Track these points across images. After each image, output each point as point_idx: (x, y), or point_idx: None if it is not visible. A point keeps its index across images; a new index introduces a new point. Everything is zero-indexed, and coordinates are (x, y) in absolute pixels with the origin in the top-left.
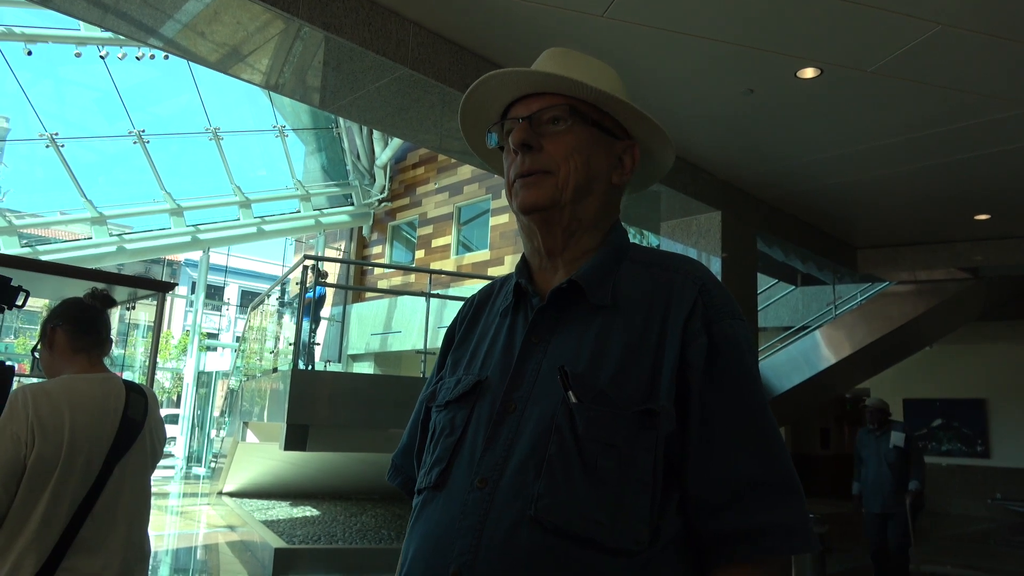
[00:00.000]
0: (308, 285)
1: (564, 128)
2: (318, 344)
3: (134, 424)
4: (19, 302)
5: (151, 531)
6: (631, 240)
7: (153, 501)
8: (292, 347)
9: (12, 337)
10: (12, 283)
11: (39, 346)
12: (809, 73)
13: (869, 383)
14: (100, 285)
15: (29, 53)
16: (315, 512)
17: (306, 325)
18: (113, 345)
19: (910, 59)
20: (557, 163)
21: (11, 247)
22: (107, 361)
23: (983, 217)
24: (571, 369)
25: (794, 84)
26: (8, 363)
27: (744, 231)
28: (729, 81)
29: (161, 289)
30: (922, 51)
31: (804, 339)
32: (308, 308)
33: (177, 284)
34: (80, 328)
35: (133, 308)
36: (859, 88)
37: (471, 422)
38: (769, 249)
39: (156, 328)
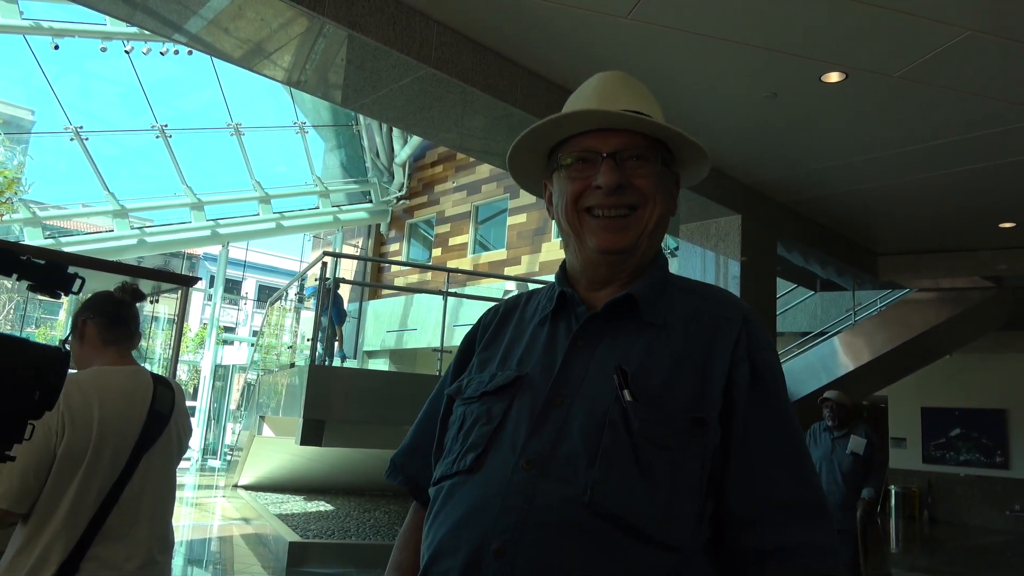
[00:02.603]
0: (326, 286)
1: (647, 168)
2: (337, 340)
3: (161, 417)
4: (75, 288)
5: None
6: None
7: None
8: (309, 343)
9: (33, 327)
10: (68, 270)
11: (70, 338)
12: (834, 77)
13: (887, 391)
14: (129, 279)
15: (56, 47)
16: (329, 507)
17: (325, 321)
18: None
19: (937, 64)
20: (644, 198)
21: (35, 238)
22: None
23: (1008, 225)
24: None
25: (818, 88)
26: (64, 349)
27: (764, 235)
28: (753, 84)
29: (185, 283)
30: (949, 56)
31: (822, 345)
32: (328, 305)
33: (199, 278)
34: (111, 321)
35: (156, 302)
36: (884, 93)
37: (511, 413)
38: (789, 254)
39: (179, 322)
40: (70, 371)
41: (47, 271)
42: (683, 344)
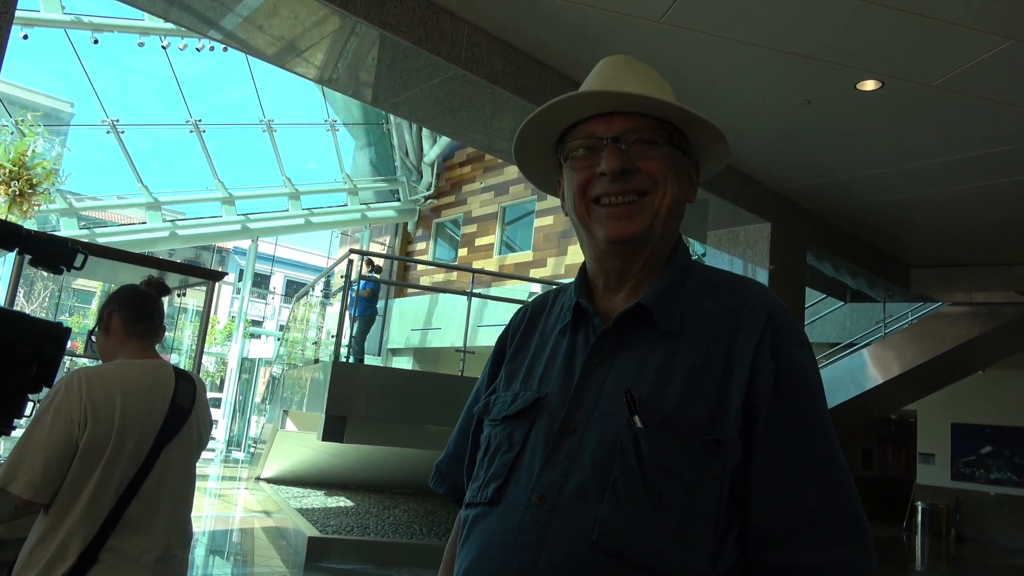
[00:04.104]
0: (360, 276)
1: (655, 151)
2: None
3: (182, 410)
4: (77, 264)
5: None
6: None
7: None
8: (334, 339)
9: (67, 315)
10: (69, 244)
11: (95, 330)
12: (869, 85)
13: (916, 405)
14: (155, 273)
15: (95, 42)
16: (349, 503)
17: (357, 318)
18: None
19: (977, 74)
20: (654, 182)
21: (70, 228)
22: (157, 346)
23: None
24: (636, 393)
25: (853, 96)
26: (65, 325)
27: (793, 244)
28: (786, 91)
29: (212, 278)
30: (990, 66)
31: (851, 357)
32: (355, 302)
33: (227, 273)
34: (135, 314)
35: (184, 295)
36: (921, 102)
37: (530, 439)
38: (819, 263)
39: (205, 315)
40: (90, 361)
41: (48, 246)
42: (703, 350)
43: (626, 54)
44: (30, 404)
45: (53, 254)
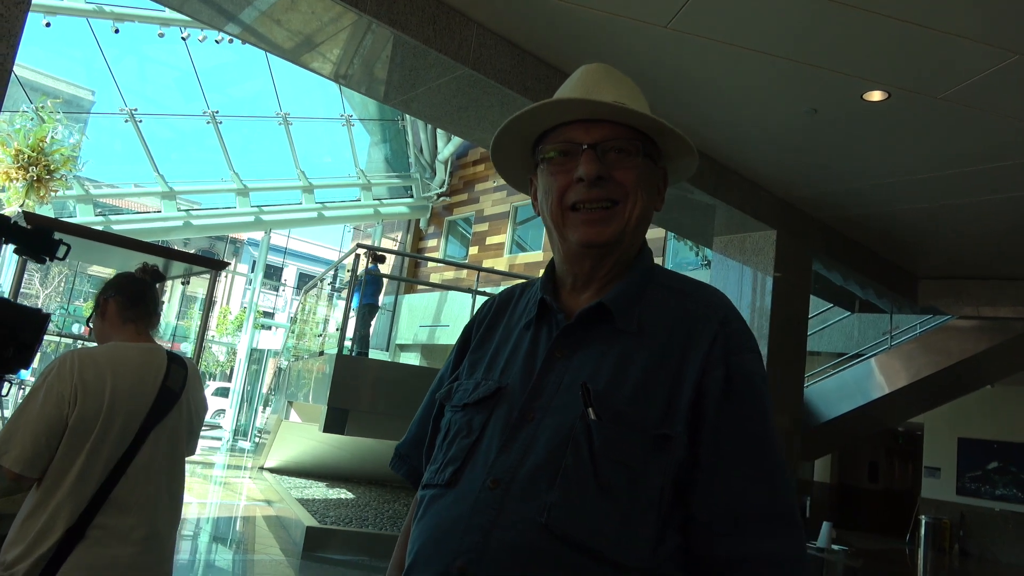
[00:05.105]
0: (365, 269)
1: (630, 161)
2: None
3: (171, 394)
4: (60, 254)
5: (195, 499)
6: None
7: (199, 470)
8: (339, 332)
9: (81, 301)
10: (54, 236)
11: (93, 315)
12: (876, 96)
13: (923, 419)
14: (152, 260)
15: (116, 31)
16: (350, 495)
17: (356, 310)
18: (161, 317)
19: (983, 87)
20: (625, 193)
21: (86, 215)
22: (167, 332)
23: None
24: (592, 387)
25: (860, 106)
26: (45, 311)
27: (799, 252)
28: (792, 100)
29: (214, 267)
30: (996, 80)
31: (858, 367)
32: (360, 292)
33: (228, 263)
34: (130, 300)
35: (187, 283)
36: (928, 114)
37: (488, 426)
38: (828, 272)
39: (207, 303)
40: (88, 345)
41: (33, 236)
42: (658, 350)
43: (633, 58)
44: (6, 384)
45: (37, 244)
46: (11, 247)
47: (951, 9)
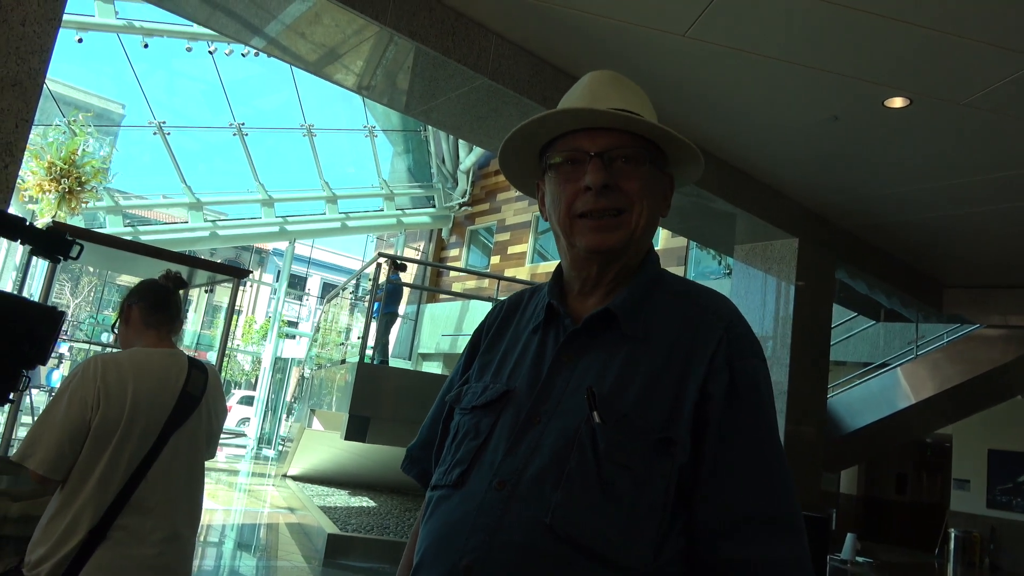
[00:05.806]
0: (387, 278)
1: (636, 170)
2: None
3: (192, 399)
4: (73, 254)
5: (220, 505)
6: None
7: (225, 478)
8: (361, 340)
9: (110, 310)
10: (67, 236)
11: (117, 321)
12: (898, 103)
13: (951, 429)
14: (174, 267)
15: (146, 46)
16: (371, 503)
17: (378, 319)
18: (186, 326)
19: (1007, 93)
20: (631, 202)
21: (115, 225)
22: (192, 342)
23: None
24: (597, 391)
25: (882, 113)
26: (60, 309)
27: (822, 260)
28: (813, 107)
29: (236, 275)
30: (1021, 86)
31: (883, 376)
32: (381, 301)
33: (250, 271)
34: (153, 306)
35: (212, 291)
36: (951, 120)
37: (496, 429)
38: (852, 281)
39: (229, 311)
40: (110, 351)
41: (47, 237)
42: (663, 355)
43: (651, 67)
44: (24, 378)
45: (51, 245)
46: (27, 248)
47: (972, 15)
